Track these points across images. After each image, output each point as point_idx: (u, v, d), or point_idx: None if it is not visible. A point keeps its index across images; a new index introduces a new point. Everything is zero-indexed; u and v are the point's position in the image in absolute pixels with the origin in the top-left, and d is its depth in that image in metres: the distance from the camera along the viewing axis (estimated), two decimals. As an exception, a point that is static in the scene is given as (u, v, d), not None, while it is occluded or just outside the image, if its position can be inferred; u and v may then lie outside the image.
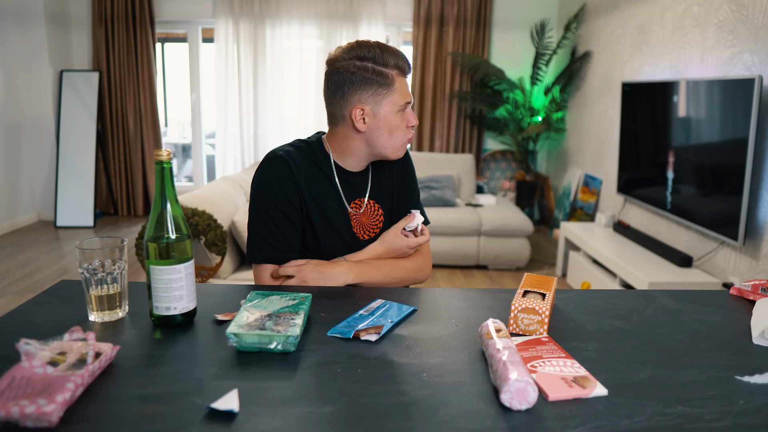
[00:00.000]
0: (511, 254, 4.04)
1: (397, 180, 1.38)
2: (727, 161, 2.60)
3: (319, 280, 1.20)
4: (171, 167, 0.92)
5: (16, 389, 0.67)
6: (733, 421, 0.69)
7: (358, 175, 1.32)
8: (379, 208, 1.35)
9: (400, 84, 1.23)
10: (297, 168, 1.23)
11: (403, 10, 5.33)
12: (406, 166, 1.40)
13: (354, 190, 1.32)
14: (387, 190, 1.37)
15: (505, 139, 5.43)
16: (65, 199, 5.05)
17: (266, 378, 0.77)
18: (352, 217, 1.31)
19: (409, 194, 1.40)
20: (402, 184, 1.39)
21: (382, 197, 1.36)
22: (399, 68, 1.22)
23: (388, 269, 1.29)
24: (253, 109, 5.44)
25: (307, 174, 1.25)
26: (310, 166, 1.27)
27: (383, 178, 1.37)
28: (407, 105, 1.25)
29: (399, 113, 1.23)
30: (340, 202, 1.30)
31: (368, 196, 1.33)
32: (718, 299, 1.13)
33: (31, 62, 4.94)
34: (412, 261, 1.35)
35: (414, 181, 1.42)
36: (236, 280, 2.68)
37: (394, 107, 1.22)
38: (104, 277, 0.94)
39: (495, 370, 0.75)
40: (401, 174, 1.39)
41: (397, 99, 1.22)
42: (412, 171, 1.42)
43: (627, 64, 3.90)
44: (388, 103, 1.22)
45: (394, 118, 1.23)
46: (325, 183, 1.28)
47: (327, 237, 1.28)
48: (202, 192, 2.74)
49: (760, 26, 2.54)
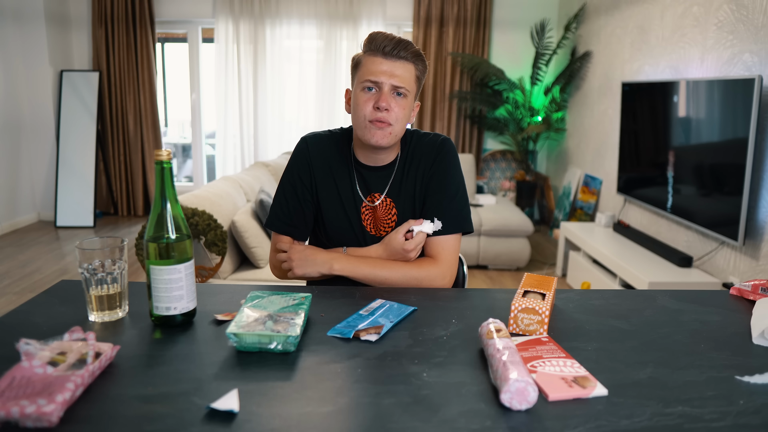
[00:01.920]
0: (511, 254, 4.04)
1: (425, 180, 1.31)
2: (727, 161, 2.60)
3: (302, 262, 1.23)
4: (171, 167, 0.92)
5: (16, 389, 0.67)
6: (733, 421, 0.69)
7: (378, 170, 1.32)
8: (394, 207, 1.32)
9: (366, 62, 1.22)
10: (317, 152, 1.32)
11: (403, 10, 5.33)
12: (436, 167, 1.31)
13: (372, 184, 1.32)
14: (410, 190, 1.32)
15: (505, 139, 5.43)
16: (65, 199, 5.04)
17: (266, 378, 0.77)
18: (364, 210, 1.31)
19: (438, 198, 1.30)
20: (429, 186, 1.31)
21: (401, 196, 1.31)
22: (372, 49, 1.21)
23: (385, 269, 1.23)
24: (253, 109, 5.43)
25: (327, 159, 1.32)
26: (333, 152, 1.33)
27: (409, 178, 1.32)
28: (372, 84, 1.21)
29: (363, 92, 1.22)
30: (354, 192, 1.31)
31: (386, 194, 1.32)
32: (718, 299, 1.13)
33: (31, 62, 4.94)
34: (418, 268, 1.25)
35: (445, 183, 1.30)
36: (236, 280, 2.68)
37: (359, 85, 1.23)
38: (104, 277, 0.94)
39: (495, 370, 0.75)
40: (429, 174, 1.31)
41: (361, 75, 1.23)
42: (443, 173, 1.31)
43: (627, 64, 3.90)
44: (356, 81, 1.26)
45: (358, 96, 1.23)
46: (343, 170, 1.32)
47: (333, 223, 1.32)
48: (202, 192, 2.74)
49: (760, 26, 2.54)
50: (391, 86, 1.20)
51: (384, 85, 1.20)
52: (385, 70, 1.20)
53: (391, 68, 1.20)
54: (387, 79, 1.20)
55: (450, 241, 1.30)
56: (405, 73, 1.21)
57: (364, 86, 1.22)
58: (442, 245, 1.30)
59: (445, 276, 1.28)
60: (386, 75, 1.20)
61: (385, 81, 1.20)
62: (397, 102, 1.21)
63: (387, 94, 1.20)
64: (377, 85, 1.21)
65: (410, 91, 1.24)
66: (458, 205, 1.31)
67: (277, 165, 4.08)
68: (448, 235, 1.29)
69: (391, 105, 1.20)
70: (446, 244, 1.30)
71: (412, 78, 1.23)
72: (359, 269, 1.23)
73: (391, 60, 1.20)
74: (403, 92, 1.22)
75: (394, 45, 1.19)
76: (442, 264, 1.28)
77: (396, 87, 1.21)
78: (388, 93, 1.20)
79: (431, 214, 1.29)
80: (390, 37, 1.21)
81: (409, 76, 1.22)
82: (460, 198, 1.32)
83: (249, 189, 3.21)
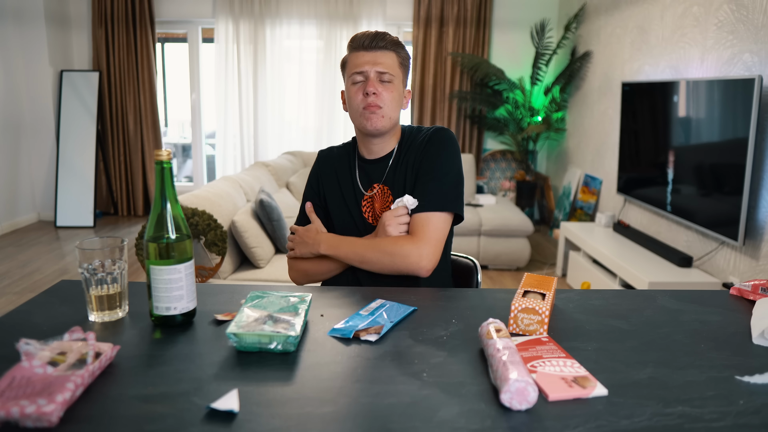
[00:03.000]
0: (511, 254, 4.04)
1: (416, 165, 1.32)
2: (727, 161, 2.60)
3: (299, 244, 1.35)
4: (171, 167, 0.92)
5: (16, 389, 0.67)
6: (733, 421, 0.69)
7: (376, 162, 1.38)
8: (390, 194, 1.35)
9: (350, 58, 1.32)
10: (325, 160, 1.45)
11: (403, 10, 5.33)
12: (426, 151, 1.32)
13: (372, 176, 1.38)
14: (403, 176, 1.33)
15: (505, 139, 5.43)
16: (65, 199, 5.04)
17: (266, 378, 0.77)
18: (365, 202, 1.37)
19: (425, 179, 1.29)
20: (419, 171, 1.31)
21: (396, 183, 1.34)
22: (354, 47, 1.31)
23: (362, 246, 1.26)
24: (253, 109, 5.43)
25: (334, 164, 1.43)
26: (341, 156, 1.43)
27: (403, 164, 1.35)
28: (359, 75, 1.30)
29: (352, 85, 1.32)
30: (355, 187, 1.39)
31: (383, 181, 1.36)
32: (718, 299, 1.13)
33: (31, 62, 4.94)
34: (393, 243, 1.23)
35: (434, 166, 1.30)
36: (236, 280, 2.68)
37: (348, 81, 1.33)
38: (104, 277, 0.94)
39: (495, 370, 0.75)
40: (420, 157, 1.32)
41: (348, 71, 1.33)
42: (433, 157, 1.31)
43: (627, 64, 3.90)
44: (346, 79, 1.35)
45: (349, 90, 1.33)
46: (346, 169, 1.41)
47: (338, 217, 1.40)
48: (202, 192, 2.74)
49: (760, 26, 2.54)
50: (376, 73, 1.29)
51: (369, 72, 1.29)
52: (368, 60, 1.30)
53: (373, 58, 1.30)
54: (371, 67, 1.29)
55: (432, 219, 1.25)
56: (387, 60, 1.30)
57: (353, 80, 1.31)
58: (422, 221, 1.26)
59: (421, 255, 1.21)
60: (369, 64, 1.29)
61: (369, 69, 1.29)
62: (385, 87, 1.30)
63: (373, 80, 1.29)
64: (363, 75, 1.30)
65: (395, 76, 1.31)
66: (445, 186, 1.29)
67: (277, 165, 4.08)
68: (430, 212, 1.26)
69: (379, 90, 1.29)
70: (427, 220, 1.25)
71: (395, 64, 1.32)
72: (341, 249, 1.29)
73: (372, 51, 1.30)
74: (388, 78, 1.30)
75: (372, 38, 1.30)
76: (419, 241, 1.23)
77: (380, 73, 1.29)
78: (375, 79, 1.29)
79: (420, 190, 1.29)
80: (367, 33, 1.31)
81: (391, 62, 1.31)
82: (449, 180, 1.30)
83: (249, 189, 3.21)
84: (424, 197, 1.28)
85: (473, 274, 1.49)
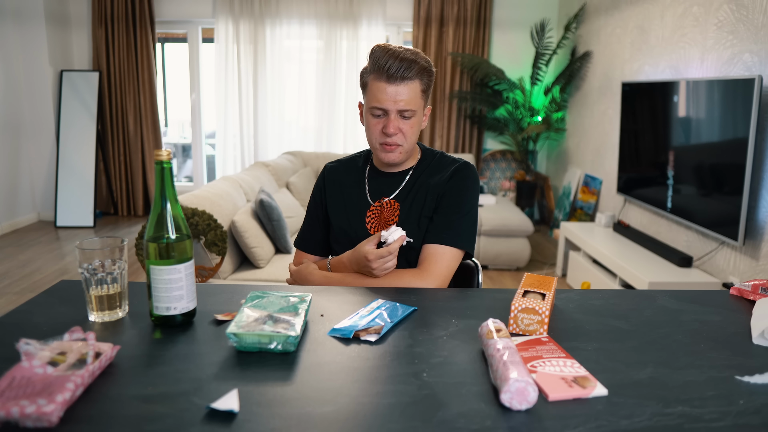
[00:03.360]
0: (511, 254, 4.04)
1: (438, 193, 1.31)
2: (727, 161, 2.60)
3: (297, 278, 1.33)
4: (171, 167, 0.92)
5: (16, 389, 0.67)
6: (733, 421, 0.69)
7: (391, 176, 1.36)
8: (398, 210, 1.33)
9: (373, 87, 1.24)
10: (331, 171, 1.43)
11: (403, 10, 5.33)
12: (453, 183, 1.30)
13: (383, 188, 1.36)
14: (420, 197, 1.32)
15: (505, 139, 5.43)
16: (65, 199, 5.04)
17: (266, 378, 0.77)
18: (370, 212, 1.35)
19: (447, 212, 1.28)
20: (441, 201, 1.30)
21: (407, 201, 1.32)
22: (375, 70, 1.22)
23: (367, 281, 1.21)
24: (253, 109, 5.43)
25: (340, 175, 1.41)
26: (351, 167, 1.42)
27: (422, 185, 1.32)
28: (380, 111, 1.24)
29: (372, 117, 1.27)
30: (362, 197, 1.36)
31: (394, 196, 1.34)
32: (718, 299, 1.13)
33: (31, 62, 4.94)
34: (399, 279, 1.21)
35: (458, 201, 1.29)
36: (236, 280, 2.68)
37: (367, 109, 1.28)
38: (104, 277, 0.94)
39: (495, 370, 0.75)
40: (443, 189, 1.30)
41: (368, 100, 1.27)
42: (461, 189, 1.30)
43: (627, 64, 3.90)
44: (365, 101, 1.29)
45: (368, 118, 1.28)
46: (354, 178, 1.40)
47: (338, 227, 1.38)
48: (202, 192, 2.74)
49: (760, 26, 2.54)
50: (396, 111, 1.24)
51: (390, 112, 1.24)
52: (390, 96, 1.22)
53: (395, 93, 1.22)
54: (392, 105, 1.23)
55: (446, 254, 1.25)
56: (409, 93, 1.23)
57: (372, 112, 1.26)
58: (436, 254, 1.24)
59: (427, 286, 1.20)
60: (391, 102, 1.22)
61: (391, 108, 1.23)
62: (405, 123, 1.25)
63: (394, 119, 1.24)
64: (384, 111, 1.24)
65: (417, 108, 1.26)
66: (465, 223, 1.29)
67: (277, 165, 4.08)
68: (446, 246, 1.25)
69: (399, 127, 1.25)
70: (441, 255, 1.25)
71: (417, 96, 1.24)
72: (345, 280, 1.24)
73: (395, 85, 1.21)
74: (410, 114, 1.25)
75: (398, 67, 1.20)
76: (428, 277, 1.21)
77: (401, 111, 1.24)
78: (395, 118, 1.24)
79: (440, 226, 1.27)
80: (393, 54, 1.20)
81: (414, 95, 1.24)
82: (470, 218, 1.31)
83: (249, 189, 3.21)
84: (443, 229, 1.27)
85: (474, 274, 1.49)
